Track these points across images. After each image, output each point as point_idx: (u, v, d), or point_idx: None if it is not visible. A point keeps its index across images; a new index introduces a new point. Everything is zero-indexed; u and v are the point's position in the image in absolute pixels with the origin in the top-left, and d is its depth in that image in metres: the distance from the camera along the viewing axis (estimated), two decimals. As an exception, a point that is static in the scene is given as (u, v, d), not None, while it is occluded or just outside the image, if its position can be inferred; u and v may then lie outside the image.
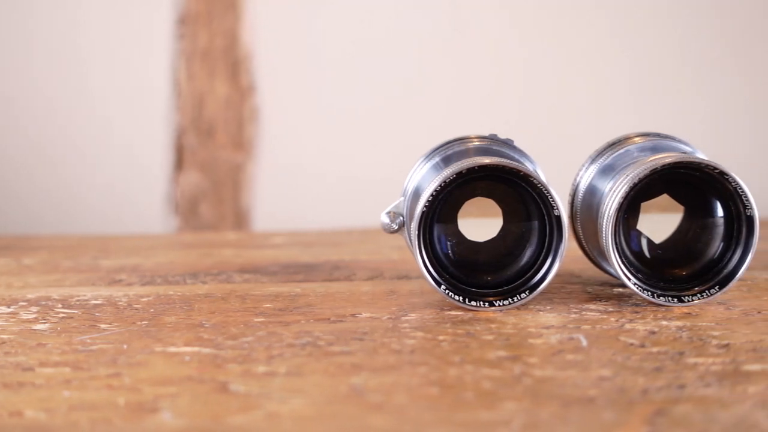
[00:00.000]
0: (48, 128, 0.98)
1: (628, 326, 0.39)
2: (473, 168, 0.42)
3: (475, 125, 0.98)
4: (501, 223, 0.45)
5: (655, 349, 0.36)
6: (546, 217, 0.43)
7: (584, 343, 0.37)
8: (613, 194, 0.43)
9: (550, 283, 0.43)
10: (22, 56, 0.97)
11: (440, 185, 0.42)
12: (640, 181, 0.42)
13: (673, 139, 0.48)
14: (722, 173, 0.42)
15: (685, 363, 0.34)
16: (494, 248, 0.44)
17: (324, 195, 0.99)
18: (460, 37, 0.98)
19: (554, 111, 0.98)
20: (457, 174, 0.42)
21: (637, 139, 0.48)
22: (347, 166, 0.99)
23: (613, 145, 0.48)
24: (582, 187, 0.47)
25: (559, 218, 0.42)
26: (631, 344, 0.36)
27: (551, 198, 0.42)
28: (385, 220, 0.46)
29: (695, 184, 0.44)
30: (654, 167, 0.42)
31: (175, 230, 0.99)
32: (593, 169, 0.47)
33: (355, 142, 0.99)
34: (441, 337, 0.38)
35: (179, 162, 0.99)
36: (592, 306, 0.44)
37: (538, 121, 0.97)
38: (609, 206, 0.43)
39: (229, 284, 0.52)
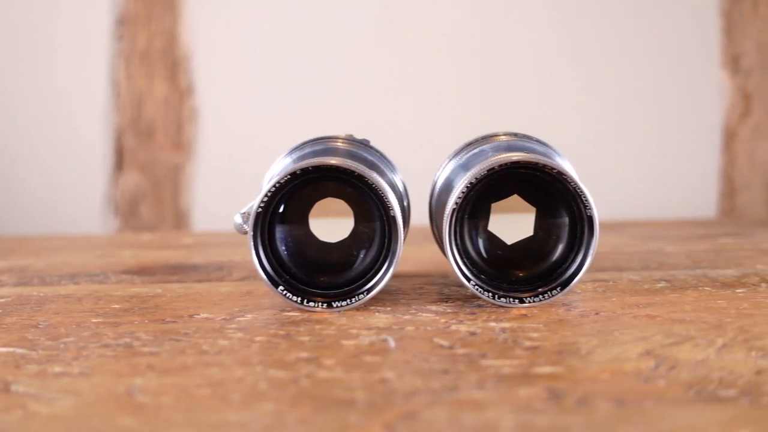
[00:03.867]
0: (-13, 129, 0.99)
1: (453, 327, 0.39)
2: (306, 169, 0.41)
3: (410, 125, 0.98)
4: (352, 223, 0.44)
5: (460, 351, 0.35)
6: (385, 218, 0.43)
7: (392, 344, 0.37)
8: (453, 194, 0.42)
9: (386, 285, 0.42)
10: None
11: (274, 186, 0.42)
12: (478, 180, 0.42)
13: (530, 139, 0.47)
14: (560, 173, 0.42)
15: (479, 365, 0.33)
16: (341, 249, 0.44)
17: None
18: (398, 39, 0.98)
19: (499, 110, 0.98)
20: (291, 174, 0.42)
21: (501, 137, 0.47)
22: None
23: (470, 144, 0.47)
24: (437, 187, 0.47)
25: (394, 218, 0.42)
26: (440, 346, 0.36)
27: (385, 198, 0.42)
28: (238, 220, 0.46)
29: (542, 186, 0.44)
30: (491, 166, 0.42)
31: (115, 231, 0.99)
32: (450, 167, 0.47)
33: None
34: (258, 338, 0.38)
35: (119, 163, 0.99)
36: (434, 307, 0.43)
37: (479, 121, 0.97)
38: (448, 206, 0.42)
39: (99, 285, 0.52)
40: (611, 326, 0.39)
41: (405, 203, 0.47)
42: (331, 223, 0.45)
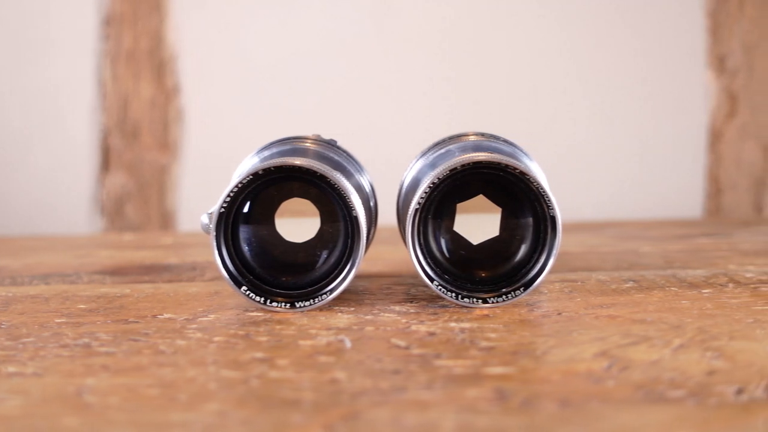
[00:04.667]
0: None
1: (414, 327, 0.39)
2: (269, 169, 0.41)
3: (399, 126, 0.97)
4: (318, 224, 0.44)
5: (416, 351, 0.35)
6: (348, 219, 0.43)
7: (348, 345, 0.37)
8: (416, 194, 0.42)
9: (350, 285, 0.42)
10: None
11: (237, 186, 0.42)
12: (441, 180, 0.42)
13: (497, 139, 0.47)
14: (523, 173, 0.42)
15: (431, 366, 0.33)
16: (306, 249, 0.44)
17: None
18: (387, 38, 0.98)
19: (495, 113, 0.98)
20: (253, 174, 0.42)
21: (470, 137, 0.47)
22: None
23: (438, 144, 0.47)
24: (404, 186, 0.47)
25: (357, 219, 0.42)
26: (397, 346, 0.36)
27: (348, 199, 0.42)
28: (205, 221, 0.46)
29: (507, 186, 0.43)
30: (454, 167, 0.42)
31: (100, 231, 0.99)
32: (417, 167, 0.47)
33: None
34: (216, 338, 0.38)
35: (105, 163, 0.99)
36: (397, 307, 0.43)
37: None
38: (411, 205, 0.42)
39: (70, 285, 0.52)
40: (571, 327, 0.39)
41: (371, 204, 0.47)
42: (297, 224, 0.45)
